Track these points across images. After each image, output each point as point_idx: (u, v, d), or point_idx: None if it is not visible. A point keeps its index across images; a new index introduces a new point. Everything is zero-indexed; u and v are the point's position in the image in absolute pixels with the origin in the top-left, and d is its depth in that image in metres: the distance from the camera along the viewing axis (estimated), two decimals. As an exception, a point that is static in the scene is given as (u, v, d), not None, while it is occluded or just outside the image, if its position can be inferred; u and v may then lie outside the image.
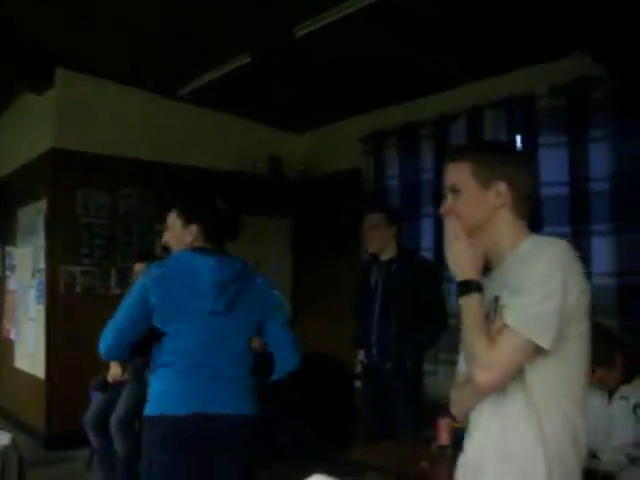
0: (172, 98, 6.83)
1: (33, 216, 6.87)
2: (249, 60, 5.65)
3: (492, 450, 1.71)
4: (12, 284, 7.63)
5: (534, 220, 4.84)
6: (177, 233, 2.81)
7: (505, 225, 1.76)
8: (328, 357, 5.12)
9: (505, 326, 1.62)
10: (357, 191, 6.63)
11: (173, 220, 2.84)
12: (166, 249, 2.91)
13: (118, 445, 4.57)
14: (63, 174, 6.46)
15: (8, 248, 7.76)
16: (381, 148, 6.49)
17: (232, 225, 2.86)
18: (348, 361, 5.08)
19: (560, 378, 1.66)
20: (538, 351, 1.61)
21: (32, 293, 6.82)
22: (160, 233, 3.31)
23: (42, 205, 6.58)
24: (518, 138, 5.34)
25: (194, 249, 2.75)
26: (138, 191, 6.83)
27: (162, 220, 2.95)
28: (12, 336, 7.51)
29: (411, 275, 4.28)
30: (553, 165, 4.92)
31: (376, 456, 3.04)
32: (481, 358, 1.63)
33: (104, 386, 4.85)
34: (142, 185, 6.84)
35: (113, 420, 4.60)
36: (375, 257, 4.48)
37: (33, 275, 6.81)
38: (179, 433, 2.55)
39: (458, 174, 1.79)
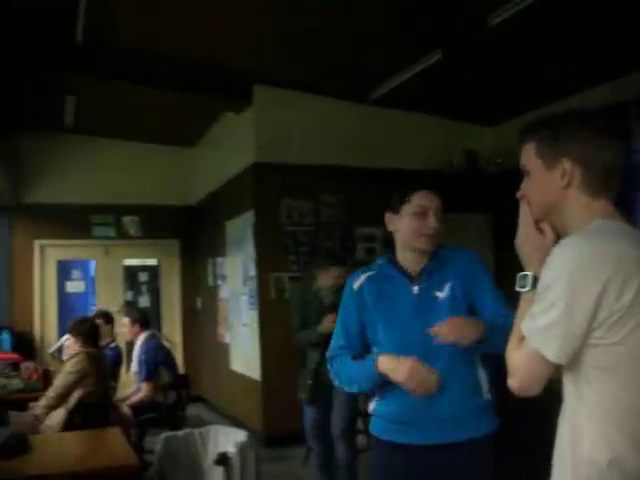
0: (364, 103, 6.95)
1: (241, 228, 7.29)
2: (440, 56, 5.59)
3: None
4: (224, 292, 8.12)
5: None
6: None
7: (574, 207, 1.57)
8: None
9: None
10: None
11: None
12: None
13: (341, 451, 4.57)
14: (267, 186, 6.80)
15: (219, 259, 8.27)
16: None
17: None
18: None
19: (597, 394, 1.46)
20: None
21: (244, 300, 7.22)
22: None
23: (249, 217, 6.97)
24: None
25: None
26: (337, 197, 7.01)
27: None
28: (227, 340, 7.99)
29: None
30: None
31: None
32: (507, 361, 1.56)
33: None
34: (341, 191, 7.02)
35: (337, 427, 4.61)
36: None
37: (244, 283, 7.20)
38: None
39: (525, 155, 1.64)
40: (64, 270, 9.08)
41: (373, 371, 2.29)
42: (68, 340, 5.05)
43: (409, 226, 2.39)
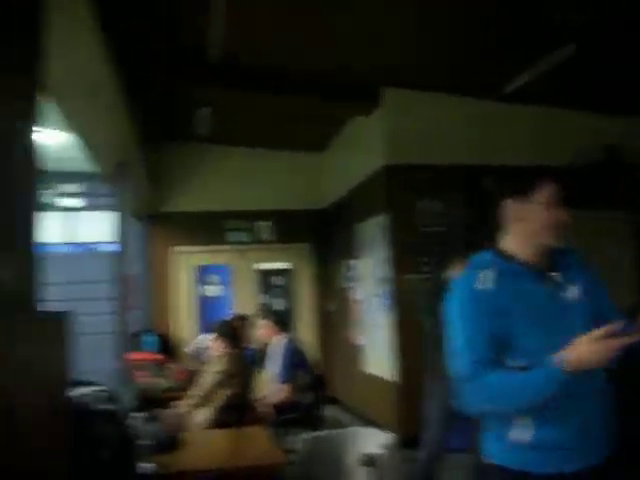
0: (494, 99, 6.80)
1: (373, 230, 7.32)
2: (574, 49, 5.39)
3: None
4: (357, 294, 8.17)
5: None
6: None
7: None
8: None
9: None
10: None
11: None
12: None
13: None
14: (398, 188, 6.80)
15: (351, 261, 8.34)
16: None
17: None
18: None
19: None
20: None
21: (377, 302, 7.24)
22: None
23: (381, 219, 6.99)
24: None
25: None
26: (469, 196, 6.88)
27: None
28: (360, 342, 8.03)
29: None
30: None
31: None
32: None
33: None
34: (473, 190, 6.87)
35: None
36: None
37: (377, 285, 7.23)
38: None
39: None
40: (201, 275, 9.47)
41: (557, 373, 1.91)
42: (212, 341, 5.27)
43: (543, 216, 2.12)
